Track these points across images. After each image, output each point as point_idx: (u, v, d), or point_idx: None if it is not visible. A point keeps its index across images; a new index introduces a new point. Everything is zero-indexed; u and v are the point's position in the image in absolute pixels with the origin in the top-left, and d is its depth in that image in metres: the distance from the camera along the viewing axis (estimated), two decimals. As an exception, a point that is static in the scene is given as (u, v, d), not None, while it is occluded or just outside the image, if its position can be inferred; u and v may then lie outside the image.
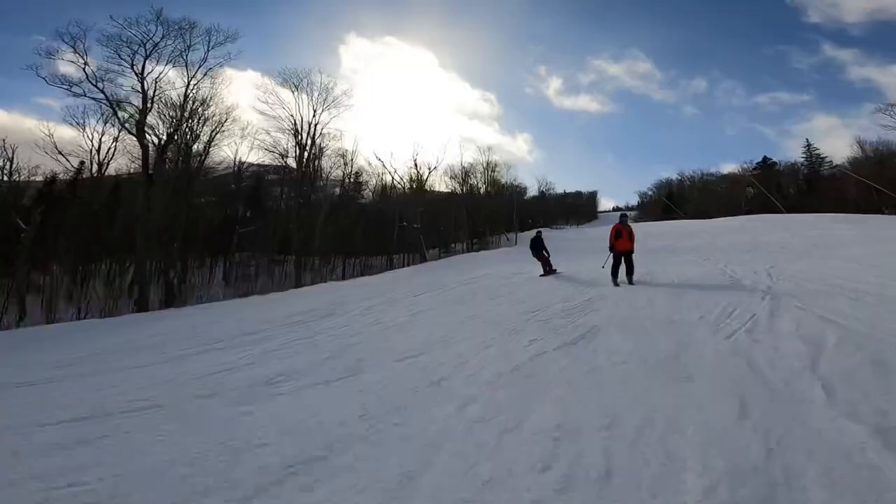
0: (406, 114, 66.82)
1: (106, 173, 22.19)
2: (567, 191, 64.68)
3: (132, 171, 23.20)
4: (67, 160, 21.05)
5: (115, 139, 22.14)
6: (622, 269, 8.60)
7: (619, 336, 4.49)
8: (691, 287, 6.83)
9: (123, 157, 21.79)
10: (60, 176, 22.34)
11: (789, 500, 1.74)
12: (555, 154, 74.01)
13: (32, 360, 6.44)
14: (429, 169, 34.60)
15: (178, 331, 8.60)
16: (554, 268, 11.45)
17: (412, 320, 7.05)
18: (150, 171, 17.50)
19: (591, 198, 66.93)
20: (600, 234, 13.64)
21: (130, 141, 21.86)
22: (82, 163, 23.80)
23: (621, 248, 8.74)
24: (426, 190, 36.80)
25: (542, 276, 11.09)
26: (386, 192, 38.12)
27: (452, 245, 39.03)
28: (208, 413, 3.48)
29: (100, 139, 21.70)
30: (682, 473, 1.98)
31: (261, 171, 29.23)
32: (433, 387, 3.58)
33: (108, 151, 22.04)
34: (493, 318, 6.23)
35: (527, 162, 77.10)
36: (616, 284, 8.37)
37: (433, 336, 5.60)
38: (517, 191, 46.11)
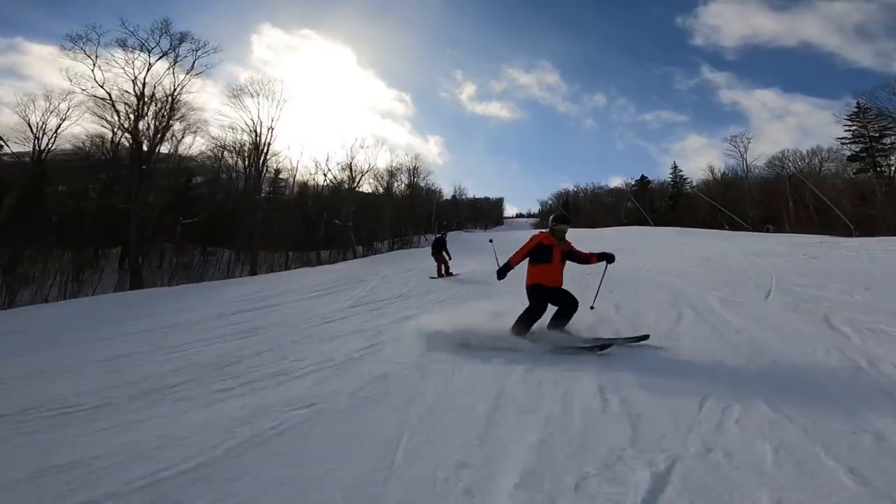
0: (318, 108, 69.62)
1: (48, 157, 23.86)
2: (476, 196, 72.95)
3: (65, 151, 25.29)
4: (6, 144, 22.78)
5: (57, 127, 24.16)
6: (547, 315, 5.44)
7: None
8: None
9: (67, 144, 23.73)
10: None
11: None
12: (464, 158, 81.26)
13: (214, 301, 11.31)
14: (361, 172, 39.83)
15: (253, 292, 13.49)
16: (451, 270, 13.57)
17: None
18: (144, 166, 20.35)
19: (498, 204, 76.21)
20: (513, 237, 17.38)
21: (78, 127, 24.19)
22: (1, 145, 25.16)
23: (550, 280, 5.48)
24: (354, 190, 41.85)
25: (433, 278, 12.96)
26: (307, 188, 42.35)
27: (376, 243, 44.54)
28: (396, 305, 9.37)
29: (43, 126, 23.45)
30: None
31: (198, 163, 32.01)
32: (483, 291, 9.91)
33: (51, 138, 23.87)
34: (475, 277, 12.64)
35: (437, 164, 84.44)
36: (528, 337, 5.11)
37: (451, 284, 11.83)
38: (435, 194, 53.14)
